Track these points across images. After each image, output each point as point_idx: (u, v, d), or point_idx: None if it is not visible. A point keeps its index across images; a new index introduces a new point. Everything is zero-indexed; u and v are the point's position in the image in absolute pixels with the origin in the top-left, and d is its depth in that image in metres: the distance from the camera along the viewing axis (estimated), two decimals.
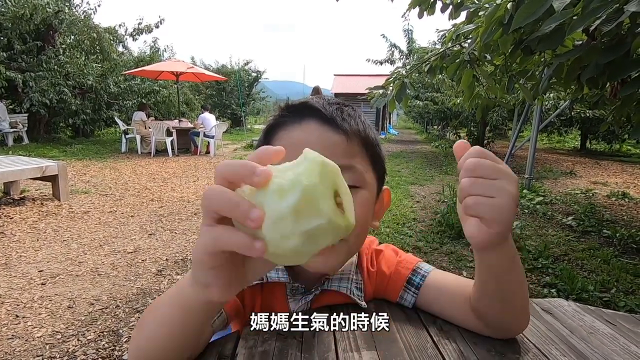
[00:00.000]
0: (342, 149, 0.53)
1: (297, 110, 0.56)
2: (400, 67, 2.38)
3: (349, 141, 0.54)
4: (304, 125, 0.54)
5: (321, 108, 0.55)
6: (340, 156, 0.52)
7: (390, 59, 13.91)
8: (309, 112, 0.55)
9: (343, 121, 0.54)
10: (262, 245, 0.28)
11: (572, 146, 12.69)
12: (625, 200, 5.02)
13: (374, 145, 0.58)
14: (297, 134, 0.54)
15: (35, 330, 1.89)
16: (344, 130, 0.54)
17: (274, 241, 0.28)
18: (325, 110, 0.54)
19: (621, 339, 0.51)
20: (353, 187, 0.53)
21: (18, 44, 8.66)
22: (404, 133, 19.31)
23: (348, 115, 0.56)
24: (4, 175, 3.56)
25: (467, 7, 1.85)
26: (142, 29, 11.12)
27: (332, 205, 0.29)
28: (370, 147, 0.57)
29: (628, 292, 2.47)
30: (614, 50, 1.12)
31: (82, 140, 9.57)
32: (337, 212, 0.29)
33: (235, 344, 0.48)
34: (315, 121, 0.54)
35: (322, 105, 0.55)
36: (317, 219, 0.27)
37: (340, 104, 0.57)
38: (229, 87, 17.02)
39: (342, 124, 0.54)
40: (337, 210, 0.29)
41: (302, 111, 0.56)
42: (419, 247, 3.15)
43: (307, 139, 0.52)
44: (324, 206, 0.28)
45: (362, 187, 0.54)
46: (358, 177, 0.54)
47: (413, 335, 0.49)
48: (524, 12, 1.05)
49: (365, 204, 0.55)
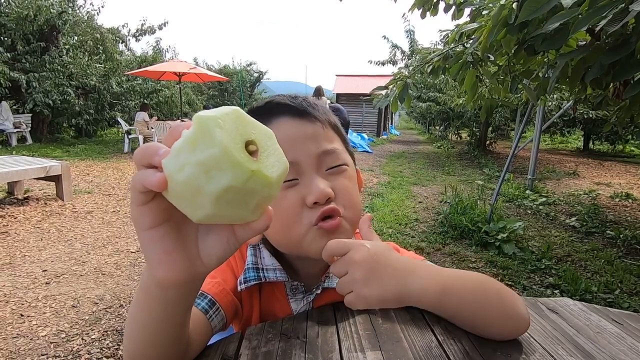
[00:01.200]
0: (321, 135, 0.55)
1: (264, 111, 0.56)
2: (403, 68, 2.38)
3: (324, 127, 0.56)
4: (275, 123, 0.55)
5: (289, 102, 0.56)
6: (323, 142, 0.55)
7: (392, 60, 13.88)
8: (278, 109, 0.56)
9: (314, 110, 0.56)
10: (161, 176, 0.27)
11: (575, 147, 12.63)
12: (629, 201, 4.99)
13: (340, 129, 0.61)
14: (273, 130, 0.55)
15: (40, 329, 1.90)
16: (316, 118, 0.56)
17: (172, 175, 0.27)
18: (293, 104, 0.56)
19: (628, 338, 0.50)
20: (339, 166, 0.56)
21: (22, 44, 8.70)
22: (405, 133, 19.28)
23: (315, 105, 0.58)
24: (7, 175, 3.58)
25: (469, 4, 1.84)
26: (145, 29, 11.17)
27: (232, 141, 0.26)
28: (339, 131, 0.60)
29: (632, 293, 2.46)
30: (618, 51, 1.11)
31: (85, 141, 9.61)
32: (245, 155, 0.27)
33: (238, 345, 0.48)
34: (286, 117, 0.55)
35: (289, 100, 0.56)
36: (210, 148, 0.25)
37: (303, 97, 0.59)
38: (231, 87, 17.06)
39: (313, 112, 0.56)
40: (243, 152, 0.27)
41: (270, 110, 0.56)
42: (422, 247, 3.14)
43: (285, 134, 0.52)
44: (220, 136, 0.26)
45: (347, 165, 0.57)
46: (341, 157, 0.56)
47: (418, 335, 0.48)
48: (530, 6, 1.04)
49: (353, 180, 0.58)
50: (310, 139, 0.54)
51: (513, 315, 0.49)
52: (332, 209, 0.52)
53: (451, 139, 13.01)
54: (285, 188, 0.52)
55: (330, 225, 0.52)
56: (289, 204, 0.52)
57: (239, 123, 0.28)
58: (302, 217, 0.52)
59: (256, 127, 0.30)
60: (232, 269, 0.60)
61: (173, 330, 0.40)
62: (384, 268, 0.48)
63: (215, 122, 0.26)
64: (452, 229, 3.48)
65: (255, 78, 18.56)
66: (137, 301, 0.39)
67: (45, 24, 8.89)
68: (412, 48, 12.73)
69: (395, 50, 13.78)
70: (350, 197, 0.55)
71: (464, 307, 0.49)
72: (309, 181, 0.52)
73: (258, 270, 0.58)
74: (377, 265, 0.48)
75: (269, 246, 0.61)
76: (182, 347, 0.44)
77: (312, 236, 0.52)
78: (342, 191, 0.54)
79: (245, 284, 0.57)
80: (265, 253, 0.60)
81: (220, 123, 0.26)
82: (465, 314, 0.49)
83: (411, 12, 2.25)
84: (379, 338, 0.48)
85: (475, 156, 8.93)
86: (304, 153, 0.53)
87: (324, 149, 0.54)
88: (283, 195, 0.52)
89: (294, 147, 0.52)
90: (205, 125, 0.26)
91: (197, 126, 0.26)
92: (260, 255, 0.60)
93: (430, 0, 2.14)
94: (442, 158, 8.97)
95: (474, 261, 2.90)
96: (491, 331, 0.48)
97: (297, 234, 0.52)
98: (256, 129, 0.30)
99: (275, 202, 0.52)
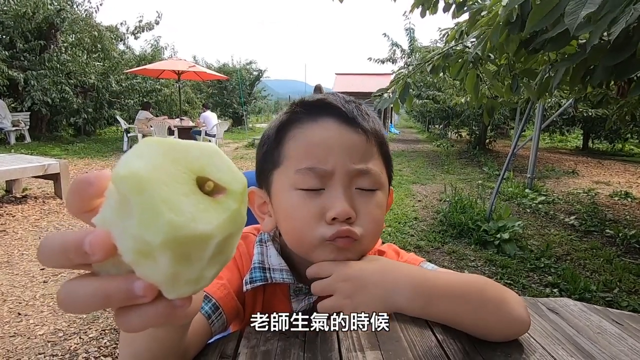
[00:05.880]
0: (362, 150, 0.52)
1: (313, 107, 0.53)
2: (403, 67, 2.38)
3: (368, 141, 0.53)
4: (321, 123, 0.52)
5: (341, 106, 0.52)
6: (358, 160, 0.51)
7: (391, 58, 13.86)
8: (327, 109, 0.53)
9: (363, 120, 0.53)
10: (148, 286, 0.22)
11: (575, 145, 12.64)
12: (628, 200, 5.00)
13: (386, 145, 0.57)
14: (314, 132, 0.52)
15: (37, 328, 1.89)
16: (363, 130, 0.52)
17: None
18: (345, 109, 0.52)
19: (629, 339, 0.50)
20: (370, 190, 0.52)
21: (20, 42, 8.67)
22: (405, 132, 19.27)
23: (366, 114, 0.54)
24: (6, 173, 3.56)
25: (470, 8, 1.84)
26: (142, 26, 11.12)
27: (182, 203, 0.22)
28: (384, 146, 0.56)
29: (631, 292, 2.46)
30: (621, 52, 1.10)
31: (84, 139, 9.58)
32: (204, 203, 0.23)
33: (237, 344, 0.48)
34: (333, 120, 0.52)
35: (341, 103, 0.53)
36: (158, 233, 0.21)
37: (357, 102, 0.55)
38: (230, 86, 17.01)
39: (362, 123, 0.52)
40: (201, 202, 0.23)
41: (319, 108, 0.53)
42: (421, 246, 3.14)
43: (326, 137, 0.51)
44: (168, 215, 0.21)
45: (378, 189, 0.53)
46: (375, 181, 0.53)
47: (417, 334, 0.48)
48: (537, 14, 1.03)
49: (381, 206, 0.54)
50: (349, 150, 0.51)
51: (511, 320, 0.48)
52: (348, 231, 0.50)
53: (451, 137, 13.01)
54: (307, 196, 0.51)
55: (345, 243, 0.50)
56: (308, 212, 0.50)
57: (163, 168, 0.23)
58: (317, 229, 0.50)
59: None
60: (238, 268, 0.59)
61: (174, 344, 0.41)
62: (369, 287, 0.49)
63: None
64: (452, 228, 3.48)
65: (255, 77, 18.51)
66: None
67: (43, 22, 8.85)
68: (412, 46, 12.72)
69: (394, 48, 13.77)
70: (372, 223, 0.52)
71: (455, 315, 0.49)
72: (334, 195, 0.50)
73: (264, 270, 0.57)
74: (362, 286, 0.49)
75: (277, 244, 0.60)
76: (181, 353, 0.44)
77: (323, 249, 0.51)
78: (365, 216, 0.52)
79: (251, 285, 0.56)
80: (272, 251, 0.58)
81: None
82: (456, 320, 0.49)
83: (411, 13, 2.25)
84: (379, 337, 0.47)
85: (474, 155, 8.93)
86: (338, 164, 0.51)
87: (359, 168, 0.51)
88: (304, 202, 0.50)
89: (330, 154, 0.50)
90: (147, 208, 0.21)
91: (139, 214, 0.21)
92: (267, 254, 0.58)
93: (430, 0, 2.14)
94: (442, 157, 8.97)
95: (473, 260, 2.90)
96: (488, 335, 0.48)
97: (309, 243, 0.51)
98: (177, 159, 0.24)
99: (295, 206, 0.51)
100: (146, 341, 0.39)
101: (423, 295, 0.49)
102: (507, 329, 0.49)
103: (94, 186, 0.23)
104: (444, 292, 0.49)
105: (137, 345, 0.40)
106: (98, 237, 0.21)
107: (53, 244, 0.23)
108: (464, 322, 0.49)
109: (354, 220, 0.50)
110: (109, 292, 0.22)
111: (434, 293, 0.49)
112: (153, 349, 0.40)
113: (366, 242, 0.53)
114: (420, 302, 0.49)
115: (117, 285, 0.22)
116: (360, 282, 0.49)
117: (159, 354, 0.40)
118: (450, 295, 0.49)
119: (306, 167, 0.50)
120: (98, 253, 0.21)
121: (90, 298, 0.23)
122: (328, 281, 0.50)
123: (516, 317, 0.48)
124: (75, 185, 0.23)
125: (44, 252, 0.23)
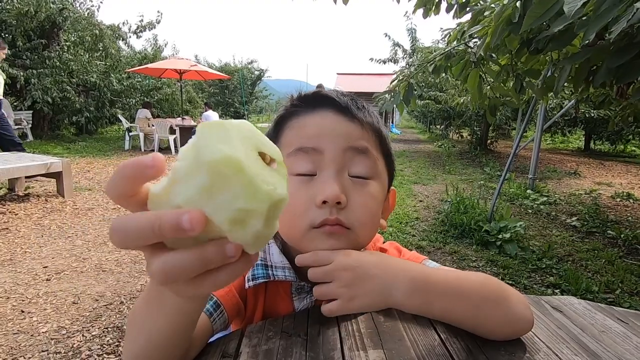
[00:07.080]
0: (358, 134, 0.53)
1: (310, 100, 0.56)
2: (405, 67, 2.38)
3: (363, 130, 0.54)
4: (318, 112, 0.54)
5: (335, 97, 0.55)
6: (355, 140, 0.53)
7: (393, 58, 13.86)
8: (323, 101, 0.55)
9: (358, 111, 0.55)
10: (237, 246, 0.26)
11: (576, 146, 12.59)
12: (630, 201, 4.98)
13: (386, 140, 0.58)
14: (310, 120, 0.54)
15: (41, 326, 1.90)
16: (359, 120, 0.54)
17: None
18: (339, 100, 0.54)
19: (634, 337, 0.50)
20: (364, 178, 0.53)
21: (22, 41, 8.68)
22: (406, 132, 19.22)
23: (362, 106, 0.56)
24: (8, 171, 3.57)
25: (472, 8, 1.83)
26: (144, 25, 11.12)
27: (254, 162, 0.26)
28: (383, 140, 0.57)
29: (633, 293, 2.45)
30: (624, 53, 1.10)
31: (86, 138, 9.60)
32: (262, 169, 0.27)
33: (239, 342, 0.47)
34: (329, 110, 0.54)
35: (336, 95, 0.55)
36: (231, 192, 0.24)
37: (354, 97, 0.57)
38: (232, 85, 17.02)
39: (357, 113, 0.54)
40: (261, 168, 0.27)
41: (315, 100, 0.56)
42: (422, 246, 3.14)
43: (320, 123, 0.53)
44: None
45: (373, 178, 0.54)
46: (372, 164, 0.54)
47: (420, 333, 0.48)
48: (534, 13, 1.03)
49: (376, 197, 0.54)
50: (342, 136, 0.52)
51: (513, 318, 0.48)
52: (337, 219, 0.50)
53: (452, 138, 12.98)
54: (299, 182, 0.51)
55: (333, 229, 0.50)
56: (300, 199, 0.51)
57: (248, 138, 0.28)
58: (307, 215, 0.51)
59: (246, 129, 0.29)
60: None
61: (181, 335, 0.40)
62: (368, 279, 0.49)
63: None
64: (453, 228, 3.48)
65: (256, 76, 18.54)
66: (145, 306, 0.39)
67: (45, 21, 8.85)
68: (414, 46, 12.71)
69: (396, 48, 13.76)
70: (364, 213, 0.52)
71: (455, 312, 0.48)
72: (324, 179, 0.51)
73: (267, 268, 0.57)
74: (361, 276, 0.49)
75: (279, 242, 0.60)
76: (185, 348, 0.44)
77: (311, 237, 0.51)
78: (357, 204, 0.51)
79: (253, 282, 0.56)
80: (275, 249, 0.59)
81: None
82: (457, 317, 0.49)
83: (414, 14, 2.24)
84: (381, 336, 0.47)
85: (476, 155, 8.91)
86: (330, 144, 0.51)
87: (353, 145, 0.52)
88: (297, 187, 0.51)
89: (323, 136, 0.51)
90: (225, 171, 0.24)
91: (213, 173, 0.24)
92: (269, 252, 0.58)
93: (432, 0, 2.14)
94: (443, 157, 8.95)
95: (474, 260, 2.90)
96: (490, 333, 0.48)
97: (298, 230, 0.51)
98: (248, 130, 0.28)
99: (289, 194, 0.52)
100: (167, 322, 0.38)
101: (422, 292, 0.49)
102: (509, 327, 0.48)
103: (154, 168, 0.24)
104: (443, 289, 0.49)
105: (153, 329, 0.39)
106: (196, 214, 0.23)
107: (128, 225, 0.24)
108: (465, 319, 0.48)
109: (344, 205, 0.50)
110: (209, 258, 0.26)
111: (432, 289, 0.49)
112: (173, 329, 0.39)
113: (360, 232, 0.52)
114: (419, 298, 0.49)
115: (213, 251, 0.26)
116: (361, 273, 0.49)
117: (175, 337, 0.40)
118: (449, 292, 0.49)
119: (296, 148, 0.52)
120: (198, 228, 0.23)
121: (197, 265, 0.26)
122: (328, 268, 0.49)
123: (518, 315, 0.48)
124: (129, 168, 0.24)
125: (120, 233, 0.25)
